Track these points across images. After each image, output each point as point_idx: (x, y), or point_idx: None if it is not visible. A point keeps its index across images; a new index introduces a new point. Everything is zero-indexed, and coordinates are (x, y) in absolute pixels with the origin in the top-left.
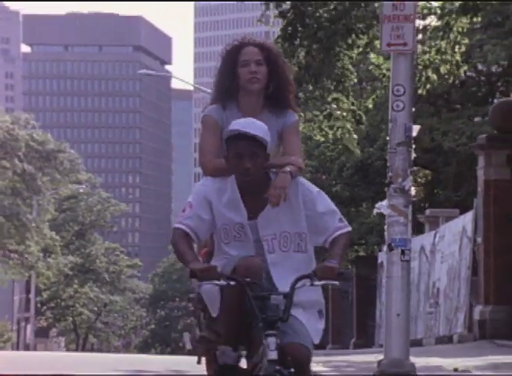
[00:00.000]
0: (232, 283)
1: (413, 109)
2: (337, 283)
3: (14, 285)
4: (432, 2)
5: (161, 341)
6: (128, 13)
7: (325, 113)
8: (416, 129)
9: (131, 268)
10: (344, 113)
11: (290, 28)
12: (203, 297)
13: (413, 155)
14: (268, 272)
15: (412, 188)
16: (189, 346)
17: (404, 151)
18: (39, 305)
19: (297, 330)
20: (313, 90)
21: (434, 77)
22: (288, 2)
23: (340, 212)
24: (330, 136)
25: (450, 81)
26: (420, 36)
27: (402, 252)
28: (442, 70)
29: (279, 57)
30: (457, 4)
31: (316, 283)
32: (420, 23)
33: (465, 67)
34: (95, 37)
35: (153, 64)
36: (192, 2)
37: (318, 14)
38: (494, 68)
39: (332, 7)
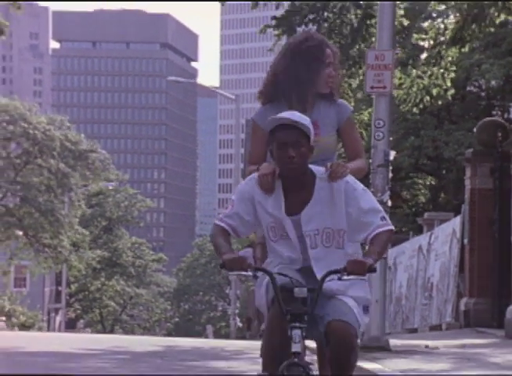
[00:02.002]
0: (258, 274)
1: (391, 138)
2: (365, 278)
3: (45, 277)
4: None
5: (185, 333)
6: (156, 11)
7: None
8: (392, 154)
9: (157, 262)
10: None
11: None
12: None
13: (390, 174)
14: (310, 267)
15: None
16: (211, 339)
17: (383, 171)
18: (68, 297)
19: (342, 310)
20: None
21: (427, 98)
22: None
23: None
24: None
25: (440, 102)
26: (424, 55)
27: None
28: (434, 92)
29: (339, 59)
30: (448, 36)
31: (345, 277)
32: (424, 43)
33: (452, 91)
34: (123, 34)
35: (179, 61)
36: None
37: None
38: (493, 83)
39: (337, 40)
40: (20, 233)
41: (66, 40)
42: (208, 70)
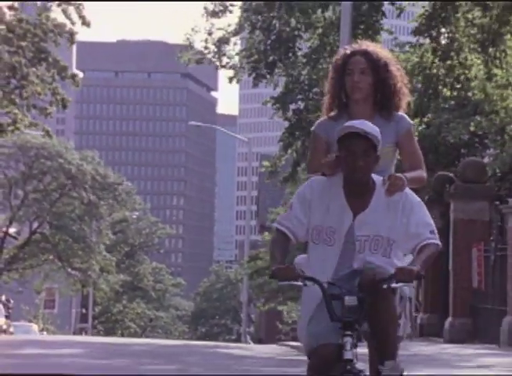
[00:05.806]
0: (309, 283)
1: None
2: (413, 285)
3: (72, 299)
4: None
5: None
6: (177, 41)
7: None
8: None
9: (175, 287)
10: None
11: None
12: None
13: None
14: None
15: None
16: None
17: None
18: (92, 319)
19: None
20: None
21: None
22: (291, 110)
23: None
24: None
25: None
26: None
27: None
28: None
29: (386, 66)
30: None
31: (393, 285)
32: None
33: None
34: (145, 64)
35: (199, 91)
36: None
37: (309, 120)
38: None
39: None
40: (54, 257)
41: (89, 69)
42: (228, 99)
